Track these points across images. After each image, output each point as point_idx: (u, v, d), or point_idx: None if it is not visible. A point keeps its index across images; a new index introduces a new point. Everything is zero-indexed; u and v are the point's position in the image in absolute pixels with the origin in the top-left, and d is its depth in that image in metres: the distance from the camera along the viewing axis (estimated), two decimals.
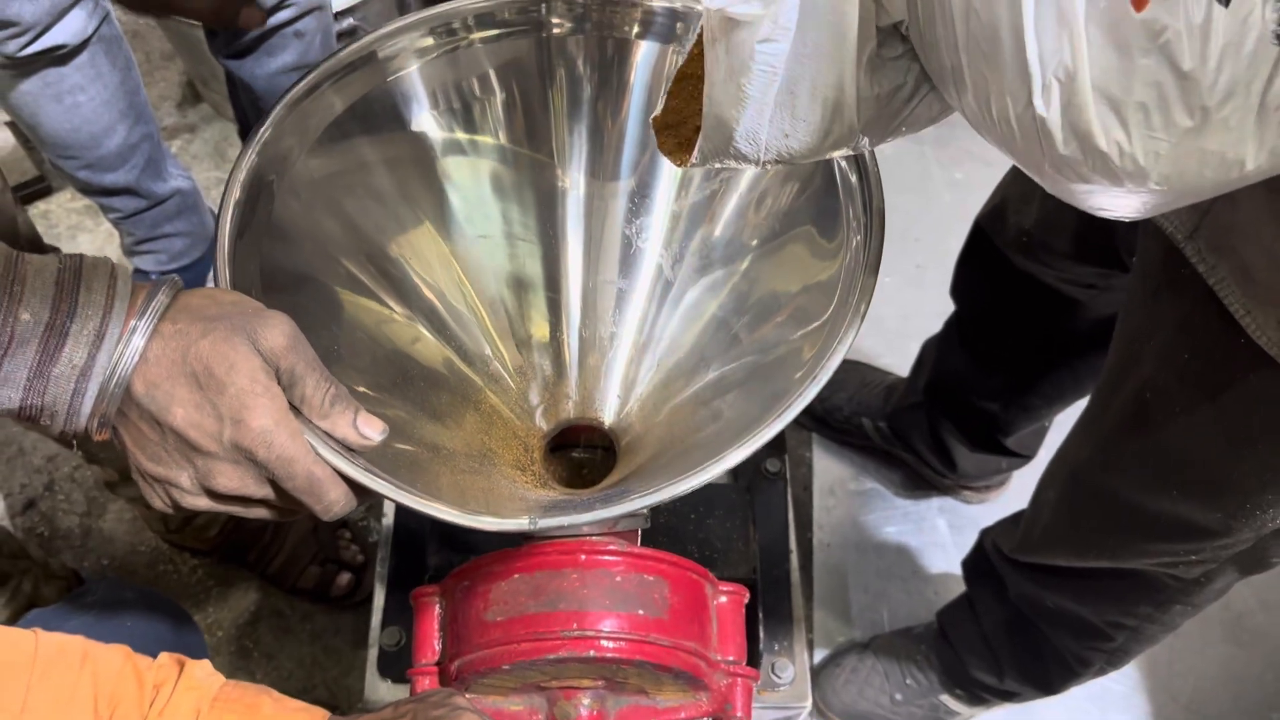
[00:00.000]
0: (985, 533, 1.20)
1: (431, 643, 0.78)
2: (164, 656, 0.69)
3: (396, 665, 0.92)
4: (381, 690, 0.92)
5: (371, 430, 0.57)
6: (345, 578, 1.40)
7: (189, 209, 1.54)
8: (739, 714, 0.77)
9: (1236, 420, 0.69)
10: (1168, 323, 0.72)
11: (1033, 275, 1.07)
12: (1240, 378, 0.67)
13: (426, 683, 0.76)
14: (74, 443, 1.22)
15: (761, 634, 0.94)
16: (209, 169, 1.87)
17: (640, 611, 0.72)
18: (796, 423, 1.33)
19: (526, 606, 0.72)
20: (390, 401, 0.67)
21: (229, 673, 1.36)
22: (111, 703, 0.63)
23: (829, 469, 1.59)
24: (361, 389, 0.65)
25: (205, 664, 0.70)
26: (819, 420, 1.57)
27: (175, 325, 0.52)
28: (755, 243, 0.70)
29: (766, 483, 1.04)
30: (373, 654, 0.93)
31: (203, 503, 0.54)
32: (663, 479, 0.56)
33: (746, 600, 0.82)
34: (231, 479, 0.52)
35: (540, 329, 0.77)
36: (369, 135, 0.70)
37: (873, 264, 0.60)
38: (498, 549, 0.73)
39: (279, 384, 0.53)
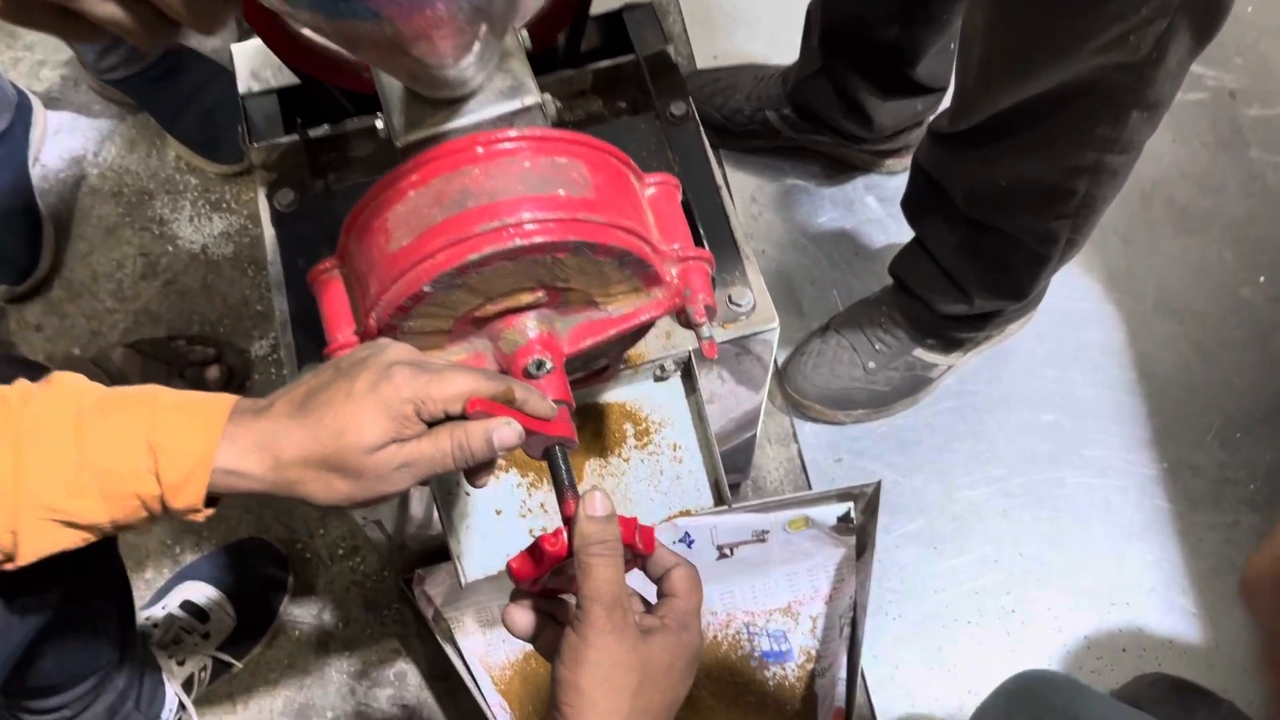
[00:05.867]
0: (918, 150, 1.13)
1: (344, 314, 0.68)
2: (22, 381, 0.59)
3: None
4: None
5: None
6: (212, 371, 1.29)
7: None
8: (700, 296, 0.69)
9: None
10: None
11: None
12: None
13: None
14: None
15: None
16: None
17: (561, 192, 0.62)
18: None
19: (432, 217, 0.62)
20: None
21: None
22: None
23: (744, 181, 1.50)
24: None
25: (81, 376, 0.60)
26: (720, 130, 1.47)
27: None
28: None
29: (676, 128, 0.94)
30: None
31: None
32: None
33: (680, 194, 0.74)
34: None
35: None
36: None
37: None
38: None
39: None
